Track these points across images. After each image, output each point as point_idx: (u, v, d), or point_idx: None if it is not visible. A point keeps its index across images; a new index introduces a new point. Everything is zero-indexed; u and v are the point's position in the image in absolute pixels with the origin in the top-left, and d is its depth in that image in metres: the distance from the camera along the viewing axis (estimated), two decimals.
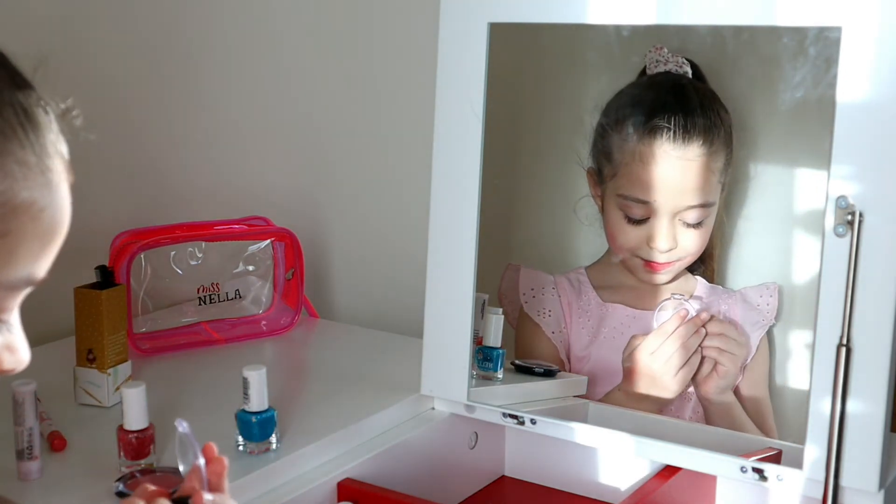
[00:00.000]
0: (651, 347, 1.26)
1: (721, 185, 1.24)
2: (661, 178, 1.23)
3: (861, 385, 1.01)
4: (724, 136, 1.23)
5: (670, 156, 1.22)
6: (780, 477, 1.08)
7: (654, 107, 1.23)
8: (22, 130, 0.57)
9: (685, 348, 1.25)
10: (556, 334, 1.32)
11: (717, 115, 1.23)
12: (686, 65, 1.24)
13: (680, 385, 1.25)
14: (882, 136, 0.98)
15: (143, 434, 1.07)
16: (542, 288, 1.33)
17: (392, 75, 1.60)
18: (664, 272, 1.27)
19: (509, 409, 1.23)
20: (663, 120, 1.22)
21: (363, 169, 1.66)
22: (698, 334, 1.25)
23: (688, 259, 1.26)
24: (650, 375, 1.26)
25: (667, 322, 1.26)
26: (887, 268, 0.99)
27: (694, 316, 1.25)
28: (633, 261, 1.28)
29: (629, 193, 1.25)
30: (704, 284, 1.28)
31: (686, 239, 1.25)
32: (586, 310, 1.32)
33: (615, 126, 1.26)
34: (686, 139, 1.22)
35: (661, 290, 1.28)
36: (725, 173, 1.24)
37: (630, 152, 1.24)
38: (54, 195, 0.59)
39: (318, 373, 1.44)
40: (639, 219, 1.25)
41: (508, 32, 1.19)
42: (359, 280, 1.68)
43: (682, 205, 1.23)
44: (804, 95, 1.18)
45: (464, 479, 1.30)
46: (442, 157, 1.22)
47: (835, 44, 1.00)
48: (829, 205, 1.01)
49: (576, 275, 1.33)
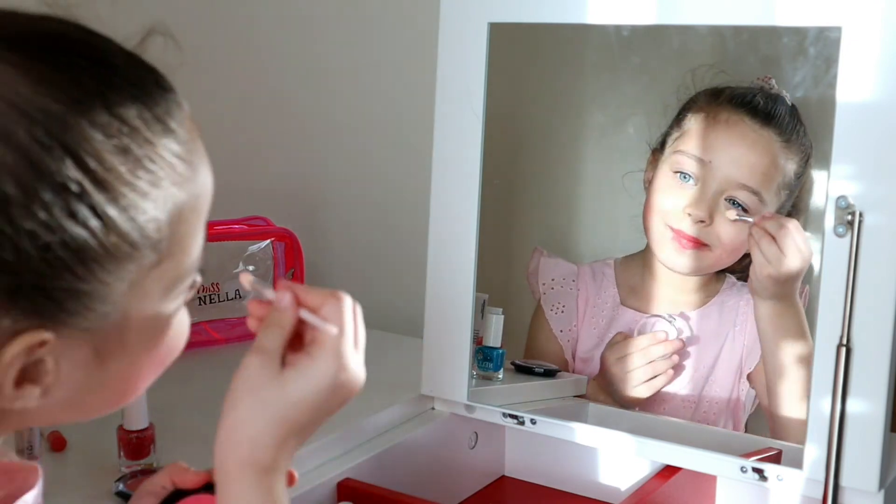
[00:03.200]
0: (619, 353, 1.26)
1: (781, 195, 1.21)
2: (726, 142, 1.21)
3: (861, 385, 1.01)
4: (801, 150, 1.21)
5: (745, 125, 1.20)
6: (780, 477, 1.08)
7: (751, 90, 1.22)
8: (186, 128, 0.59)
9: (652, 366, 1.25)
10: (564, 333, 1.32)
11: (803, 131, 1.21)
12: (788, 99, 1.22)
13: (638, 397, 1.26)
14: (882, 136, 0.98)
15: (143, 434, 1.08)
16: (561, 279, 1.33)
17: (392, 75, 1.60)
18: (686, 254, 1.23)
19: (509, 409, 1.23)
20: (756, 97, 1.20)
21: (363, 169, 1.66)
22: (674, 359, 1.25)
23: (715, 255, 1.23)
24: (611, 379, 1.27)
25: (643, 336, 1.27)
26: (887, 268, 0.99)
27: (674, 339, 1.25)
28: (663, 233, 1.24)
29: (688, 149, 1.23)
30: (731, 281, 1.26)
31: (721, 227, 1.21)
32: (602, 308, 1.31)
33: (705, 93, 1.24)
34: (767, 120, 1.20)
35: (676, 298, 1.28)
36: (786, 188, 1.21)
37: (706, 113, 1.22)
38: (199, 166, 0.62)
39: None
40: (688, 175, 1.22)
41: (508, 32, 1.19)
42: (359, 280, 1.68)
43: (735, 179, 1.20)
44: (804, 95, 1.18)
45: (464, 479, 1.30)
46: (442, 157, 1.22)
47: (835, 44, 1.00)
48: (829, 205, 1.01)
49: (602, 266, 1.33)
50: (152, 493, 0.80)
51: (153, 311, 0.60)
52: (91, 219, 0.53)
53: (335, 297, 0.70)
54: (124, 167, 0.55)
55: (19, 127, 0.52)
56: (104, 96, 0.55)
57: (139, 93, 0.57)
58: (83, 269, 0.54)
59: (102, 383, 0.61)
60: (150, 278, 0.58)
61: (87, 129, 0.53)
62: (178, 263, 0.60)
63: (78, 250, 0.53)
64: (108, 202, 0.54)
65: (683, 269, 1.25)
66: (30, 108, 0.52)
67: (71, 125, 0.53)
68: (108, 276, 0.56)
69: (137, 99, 0.56)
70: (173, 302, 0.62)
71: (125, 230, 0.55)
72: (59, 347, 0.56)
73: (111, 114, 0.54)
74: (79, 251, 0.54)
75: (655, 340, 1.26)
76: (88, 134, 0.53)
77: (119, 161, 0.54)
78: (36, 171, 0.52)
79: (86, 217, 0.53)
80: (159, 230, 0.57)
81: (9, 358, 0.54)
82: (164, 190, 0.57)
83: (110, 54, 0.58)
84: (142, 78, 0.58)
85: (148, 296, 0.59)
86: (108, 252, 0.55)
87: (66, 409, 0.61)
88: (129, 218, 0.55)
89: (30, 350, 0.55)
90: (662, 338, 1.26)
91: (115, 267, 0.56)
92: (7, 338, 0.54)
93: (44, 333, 0.55)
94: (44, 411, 0.59)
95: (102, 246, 0.54)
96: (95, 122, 0.54)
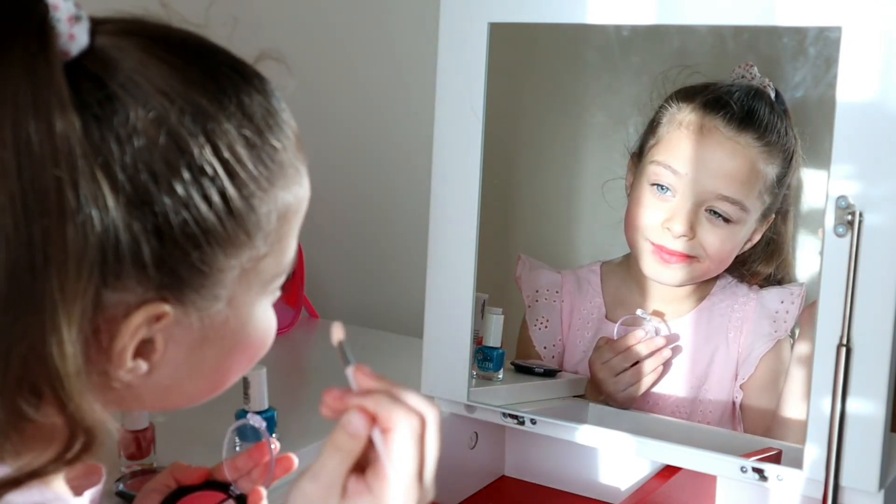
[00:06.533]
0: (604, 357, 1.26)
1: (764, 205, 1.19)
2: (701, 153, 1.18)
3: (861, 385, 1.01)
4: (782, 152, 1.18)
5: (720, 133, 1.17)
6: (780, 477, 1.08)
7: (726, 91, 1.19)
8: (276, 138, 0.63)
9: (636, 368, 1.24)
10: (548, 349, 1.32)
11: (784, 131, 1.18)
12: (770, 87, 1.19)
13: (629, 399, 1.26)
14: (882, 136, 0.98)
15: (143, 434, 1.07)
16: (545, 290, 1.32)
17: (392, 75, 1.60)
18: (672, 267, 1.21)
19: (509, 409, 1.23)
20: (730, 99, 1.17)
21: (363, 169, 1.66)
22: (659, 356, 1.24)
23: (704, 266, 1.21)
24: (600, 384, 1.26)
25: (625, 337, 1.26)
26: (887, 268, 0.99)
27: (654, 337, 1.25)
28: (643, 246, 1.23)
29: (664, 160, 1.20)
30: (724, 282, 1.25)
31: (704, 235, 1.19)
32: (588, 319, 1.30)
33: (678, 96, 1.22)
34: (742, 125, 1.16)
35: (666, 297, 1.27)
36: (771, 192, 1.19)
37: (680, 121, 1.20)
38: (303, 174, 0.67)
39: (318, 373, 1.44)
40: (665, 187, 1.19)
41: (508, 32, 1.19)
42: (359, 280, 1.68)
43: (713, 191, 1.18)
44: (804, 95, 1.18)
45: (464, 479, 1.30)
46: (442, 157, 1.22)
47: (835, 44, 1.00)
48: (829, 205, 1.01)
49: (587, 273, 1.32)
50: (156, 491, 0.81)
51: (252, 303, 0.65)
52: (220, 202, 0.59)
53: (410, 416, 0.66)
54: (251, 162, 0.61)
55: (171, 114, 0.58)
56: (240, 99, 0.62)
57: (265, 101, 0.64)
58: (209, 249, 0.60)
59: (199, 370, 0.65)
60: (256, 270, 0.64)
61: (224, 123, 0.60)
62: (278, 261, 0.65)
63: (206, 231, 0.59)
64: (235, 190, 0.60)
65: (671, 282, 1.24)
66: (181, 100, 0.59)
67: (212, 117, 0.60)
68: (226, 260, 0.61)
69: (262, 106, 0.63)
70: (268, 297, 0.67)
71: (246, 218, 0.61)
72: (172, 326, 0.61)
73: (244, 114, 0.61)
74: (207, 232, 0.59)
75: (636, 340, 1.25)
76: (225, 127, 0.60)
77: (246, 155, 0.61)
78: (181, 152, 0.58)
79: (216, 200, 0.59)
80: (270, 224, 0.63)
81: (135, 326, 0.59)
82: (279, 189, 0.63)
83: (241, 65, 0.65)
84: (266, 89, 0.65)
85: (251, 287, 0.64)
86: (230, 236, 0.60)
87: (161, 395, 0.65)
88: (251, 208, 0.61)
89: (150, 321, 0.59)
90: (642, 337, 1.25)
91: (234, 252, 0.61)
92: (134, 307, 0.59)
93: (165, 306, 0.59)
94: (142, 392, 0.63)
95: (226, 229, 0.60)
96: (231, 118, 0.61)
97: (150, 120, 0.57)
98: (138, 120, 0.57)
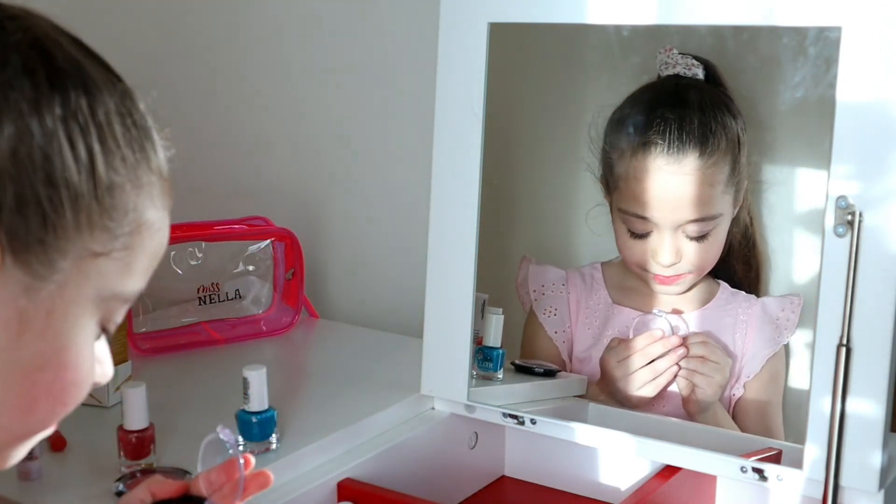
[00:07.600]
0: (619, 356, 1.26)
1: (731, 195, 1.21)
2: (657, 194, 1.21)
3: (861, 385, 1.01)
4: (727, 145, 1.19)
5: (664, 171, 1.19)
6: (780, 477, 1.08)
7: (648, 121, 1.21)
8: (153, 151, 0.61)
9: (653, 366, 1.24)
10: (559, 334, 1.31)
11: (721, 123, 1.19)
12: (697, 66, 1.20)
13: (642, 399, 1.25)
14: (882, 136, 0.98)
15: (143, 434, 1.08)
16: (552, 284, 1.32)
17: (392, 75, 1.60)
18: (676, 284, 1.24)
19: (509, 409, 1.23)
20: (657, 135, 1.19)
21: (363, 169, 1.66)
22: (673, 354, 1.24)
23: (699, 271, 1.24)
24: (614, 383, 1.26)
25: (640, 336, 1.25)
26: (887, 268, 0.99)
27: (670, 335, 1.24)
28: (642, 275, 1.26)
29: (628, 209, 1.23)
30: (727, 289, 1.25)
31: (692, 252, 1.22)
32: (595, 309, 1.31)
33: (613, 142, 1.24)
34: (680, 153, 1.19)
35: (673, 297, 1.27)
36: (732, 182, 1.20)
37: (626, 168, 1.22)
38: (167, 219, 0.63)
39: (318, 373, 1.44)
40: (641, 233, 1.23)
41: (508, 32, 1.19)
42: (359, 280, 1.68)
43: (681, 219, 1.21)
44: (804, 95, 1.18)
45: (464, 479, 1.30)
46: (442, 157, 1.22)
47: (835, 44, 1.00)
48: (829, 205, 1.01)
49: (590, 270, 1.32)
50: None
51: (79, 311, 0.59)
52: (86, 157, 0.56)
53: None
54: (122, 139, 0.59)
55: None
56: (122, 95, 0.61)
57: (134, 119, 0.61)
58: (62, 201, 0.56)
59: (9, 371, 0.58)
60: (96, 268, 0.58)
61: (106, 97, 0.59)
62: (120, 276, 0.60)
63: (65, 179, 0.56)
64: (102, 154, 0.57)
65: (677, 293, 1.26)
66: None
67: (98, 87, 0.59)
68: (75, 228, 0.57)
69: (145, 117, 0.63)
70: (95, 323, 0.61)
71: (105, 190, 0.57)
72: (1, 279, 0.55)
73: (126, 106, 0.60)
74: (66, 181, 0.56)
75: (653, 339, 1.25)
76: (105, 99, 0.59)
77: (120, 131, 0.59)
78: (58, 87, 0.57)
79: (82, 152, 0.56)
80: (125, 218, 0.59)
81: None
82: (143, 195, 0.60)
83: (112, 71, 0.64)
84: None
85: (85, 285, 0.59)
86: (84, 199, 0.56)
87: None
88: (112, 183, 0.58)
89: None
90: (659, 336, 1.25)
91: (84, 221, 0.57)
92: None
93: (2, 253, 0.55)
94: None
95: (81, 186, 0.56)
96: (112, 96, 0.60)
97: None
98: None
